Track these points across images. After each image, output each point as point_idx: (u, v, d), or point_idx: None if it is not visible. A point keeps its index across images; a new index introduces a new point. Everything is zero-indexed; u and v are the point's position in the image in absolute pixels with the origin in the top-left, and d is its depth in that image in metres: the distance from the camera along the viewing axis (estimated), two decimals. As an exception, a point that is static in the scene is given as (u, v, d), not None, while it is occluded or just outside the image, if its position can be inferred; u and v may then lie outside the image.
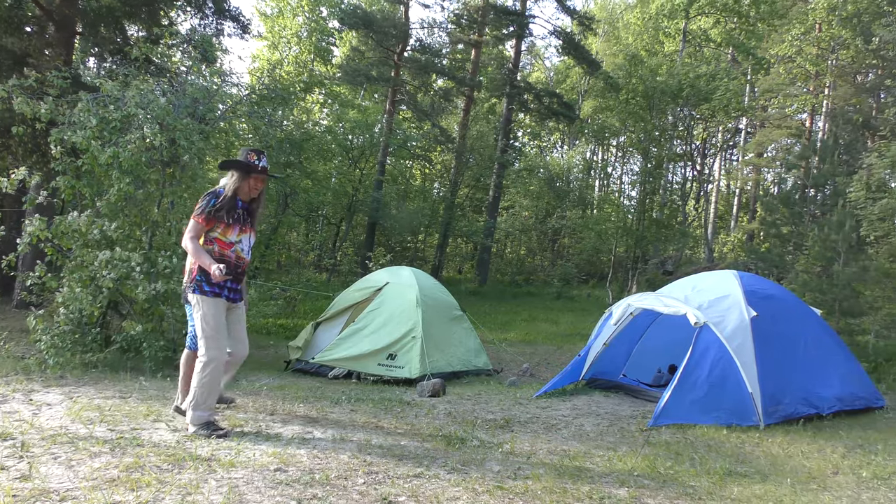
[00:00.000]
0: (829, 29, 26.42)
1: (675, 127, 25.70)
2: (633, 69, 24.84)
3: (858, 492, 4.28)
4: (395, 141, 22.49)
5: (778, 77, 28.57)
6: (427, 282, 9.55)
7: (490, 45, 26.64)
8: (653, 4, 31.00)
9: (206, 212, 4.65)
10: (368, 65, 23.25)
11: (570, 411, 6.63)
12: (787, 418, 6.35)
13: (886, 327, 11.83)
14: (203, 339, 4.62)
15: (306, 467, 3.94)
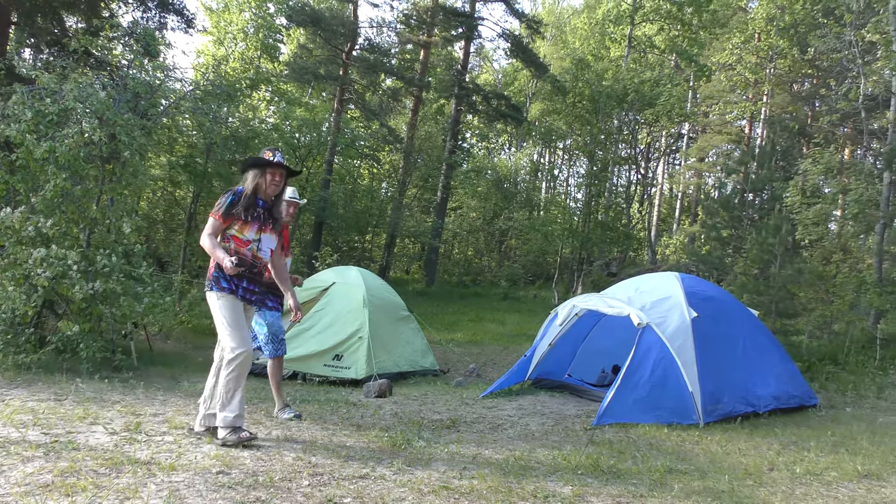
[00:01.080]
0: (768, 39, 27.26)
1: (621, 131, 26.17)
2: (579, 73, 25.20)
3: (792, 487, 4.41)
4: (342, 140, 22.33)
5: (719, 84, 29.34)
6: (374, 282, 9.52)
7: (439, 46, 26.66)
8: (599, 10, 31.51)
9: (224, 208, 4.56)
10: (316, 63, 23.01)
11: (516, 411, 6.68)
12: (725, 416, 6.53)
13: (819, 328, 12.26)
14: (226, 334, 4.50)
15: (250, 469, 3.88)
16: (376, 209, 25.84)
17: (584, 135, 26.15)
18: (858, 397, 8.73)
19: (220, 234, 4.62)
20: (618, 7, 29.89)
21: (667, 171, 34.74)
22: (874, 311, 13.81)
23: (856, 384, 9.34)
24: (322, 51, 24.04)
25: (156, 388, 6.74)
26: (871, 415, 7.68)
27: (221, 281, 4.54)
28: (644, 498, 3.91)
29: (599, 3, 32.33)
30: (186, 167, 16.14)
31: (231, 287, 4.55)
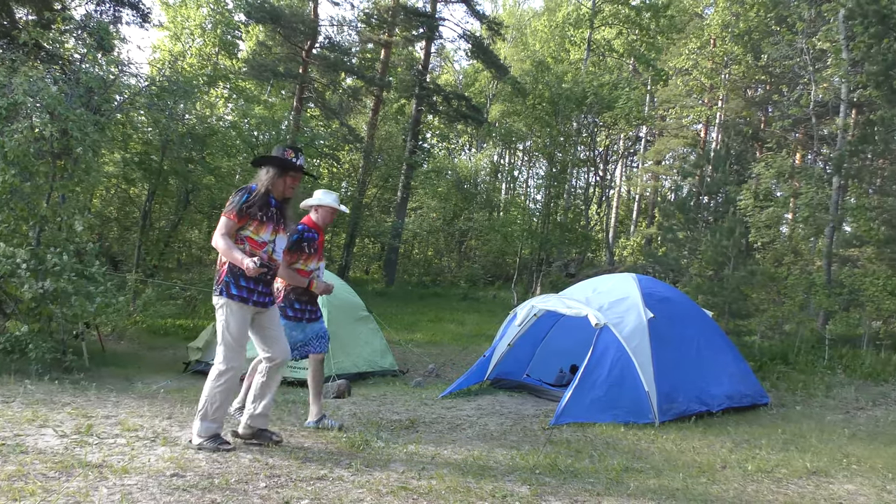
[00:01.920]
0: (723, 45, 27.80)
1: (580, 133, 26.41)
2: (539, 75, 25.37)
3: (744, 484, 4.51)
4: (302, 139, 22.11)
5: (676, 88, 29.87)
6: (333, 282, 9.45)
7: (400, 45, 26.61)
8: (559, 13, 31.80)
9: (238, 207, 4.35)
10: (276, 60, 22.78)
11: (475, 411, 6.70)
12: (680, 416, 6.64)
13: (770, 328, 12.54)
14: (223, 346, 4.33)
15: (205, 472, 3.82)
16: (336, 209, 25.66)
17: (544, 136, 26.34)
18: (808, 396, 8.94)
19: (233, 236, 4.39)
20: (577, 10, 30.20)
21: (625, 173, 35.23)
22: (823, 312, 14.18)
23: (805, 383, 9.57)
24: (281, 48, 23.81)
25: (108, 390, 6.60)
26: (820, 413, 7.88)
27: (232, 287, 4.31)
28: (600, 496, 3.95)
29: (559, 7, 32.66)
30: (141, 164, 15.83)
31: (243, 294, 4.33)
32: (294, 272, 5.25)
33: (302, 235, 5.28)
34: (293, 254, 5.20)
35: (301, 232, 5.28)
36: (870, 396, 9.00)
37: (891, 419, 7.67)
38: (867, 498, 4.35)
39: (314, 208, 5.58)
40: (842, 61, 17.33)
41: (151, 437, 4.55)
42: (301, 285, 5.27)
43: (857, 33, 13.44)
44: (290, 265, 5.21)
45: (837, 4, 16.24)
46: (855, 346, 11.83)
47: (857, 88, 17.37)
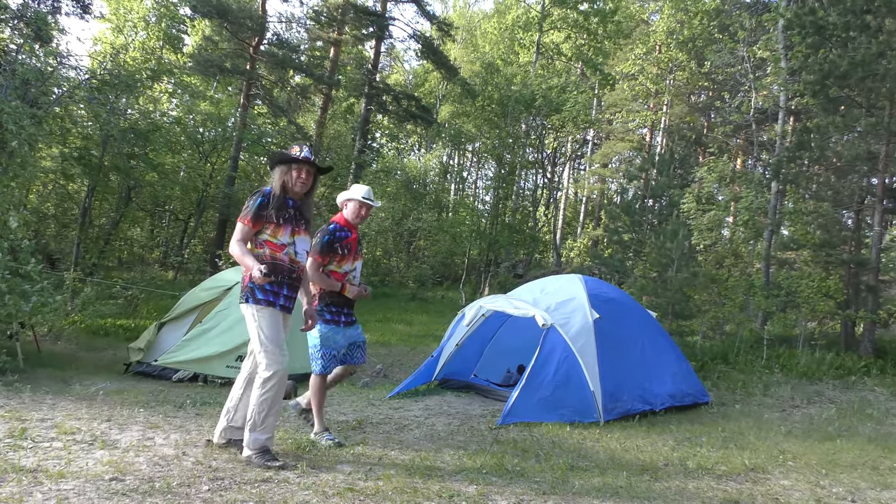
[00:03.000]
0: (668, 51, 28.41)
1: (528, 135, 26.63)
2: (489, 77, 25.52)
3: (685, 482, 4.60)
4: (249, 136, 21.79)
5: (622, 93, 30.40)
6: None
7: (350, 44, 26.42)
8: (509, 16, 32.02)
9: (252, 212, 4.21)
10: (222, 56, 22.36)
11: (423, 412, 6.69)
12: (624, 415, 6.75)
13: (712, 329, 12.85)
14: (263, 352, 4.18)
15: (146, 475, 3.72)
16: (283, 207, 25.34)
17: (493, 138, 26.47)
18: (747, 395, 9.19)
19: (252, 240, 4.27)
20: (527, 14, 30.47)
21: (572, 175, 35.65)
22: (761, 313, 14.60)
23: (744, 382, 9.84)
24: (228, 44, 23.39)
25: (44, 392, 6.39)
26: (758, 411, 8.11)
27: (257, 292, 4.20)
28: (546, 495, 3.99)
29: (509, 9, 32.86)
30: (81, 160, 15.35)
31: (269, 298, 4.23)
32: (326, 275, 5.00)
33: (333, 235, 5.01)
34: (325, 255, 4.96)
35: (332, 232, 5.02)
36: (805, 395, 9.30)
37: (825, 417, 7.94)
38: (802, 493, 4.48)
39: (343, 204, 5.27)
40: (780, 70, 17.89)
41: (89, 441, 4.41)
42: (333, 289, 5.02)
43: (795, 43, 13.89)
44: (322, 267, 4.97)
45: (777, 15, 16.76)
46: (791, 346, 12.21)
47: (794, 96, 17.94)
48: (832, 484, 4.76)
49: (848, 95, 12.42)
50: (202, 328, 8.31)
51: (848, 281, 13.02)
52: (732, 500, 4.19)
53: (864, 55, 10.58)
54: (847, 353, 11.86)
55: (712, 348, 12.09)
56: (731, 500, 4.21)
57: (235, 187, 21.78)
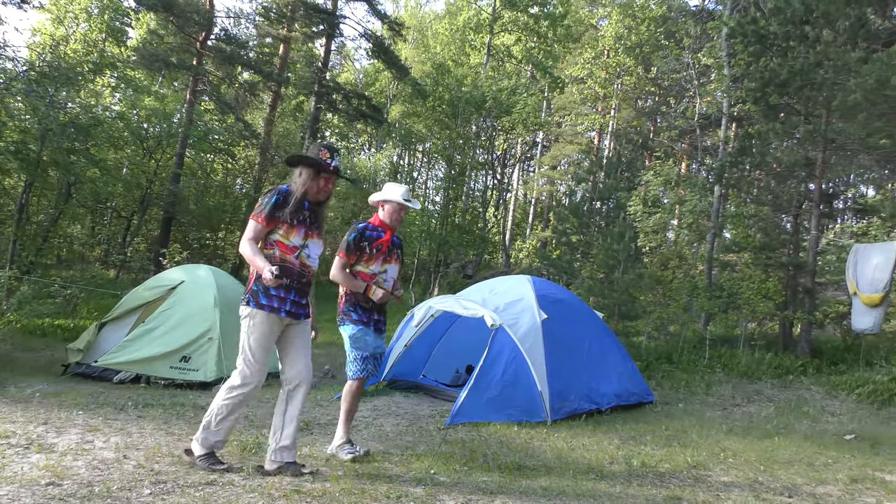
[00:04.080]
0: (616, 56, 28.87)
1: (478, 136, 26.75)
2: (440, 78, 25.53)
3: (630, 479, 4.68)
4: (195, 133, 21.37)
5: (571, 96, 30.77)
6: (226, 281, 9.19)
7: (299, 41, 26.15)
8: (460, 17, 32.10)
9: (267, 211, 4.02)
10: (168, 50, 21.85)
11: (371, 412, 6.66)
12: (571, 414, 6.83)
13: (657, 329, 13.10)
14: (243, 360, 4.00)
15: (84, 480, 3.61)
16: (230, 206, 24.90)
17: (443, 139, 26.51)
18: (690, 394, 9.40)
19: (263, 240, 4.09)
20: (478, 15, 30.60)
21: (521, 177, 35.93)
22: (704, 314, 14.94)
23: (687, 381, 10.06)
24: (174, 38, 22.88)
25: (-24, 395, 6.16)
26: (701, 410, 8.30)
27: (261, 296, 4.00)
28: (494, 495, 4.00)
29: (460, 11, 32.95)
30: (17, 154, 14.82)
31: (273, 304, 4.01)
32: (352, 275, 4.78)
33: (362, 234, 4.80)
34: (351, 253, 4.76)
35: (360, 230, 4.82)
36: (745, 394, 9.57)
37: (763, 415, 8.17)
38: (741, 489, 4.60)
39: (380, 204, 5.00)
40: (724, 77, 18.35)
41: (25, 445, 4.27)
42: (357, 290, 4.78)
43: (738, 51, 14.28)
44: (347, 266, 4.77)
45: (721, 23, 17.19)
46: (732, 346, 12.53)
47: (737, 103, 18.44)
48: (770, 480, 4.90)
49: (787, 103, 12.81)
50: (145, 328, 8.12)
51: (786, 283, 13.43)
52: (675, 498, 4.27)
53: (802, 64, 10.92)
54: (785, 352, 12.24)
55: (657, 348, 12.32)
56: (674, 497, 4.29)
57: (181, 185, 21.35)
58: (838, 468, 5.41)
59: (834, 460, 5.71)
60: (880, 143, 11.78)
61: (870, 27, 11.10)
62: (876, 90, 9.36)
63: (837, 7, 10.50)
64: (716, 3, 25.57)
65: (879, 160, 13.97)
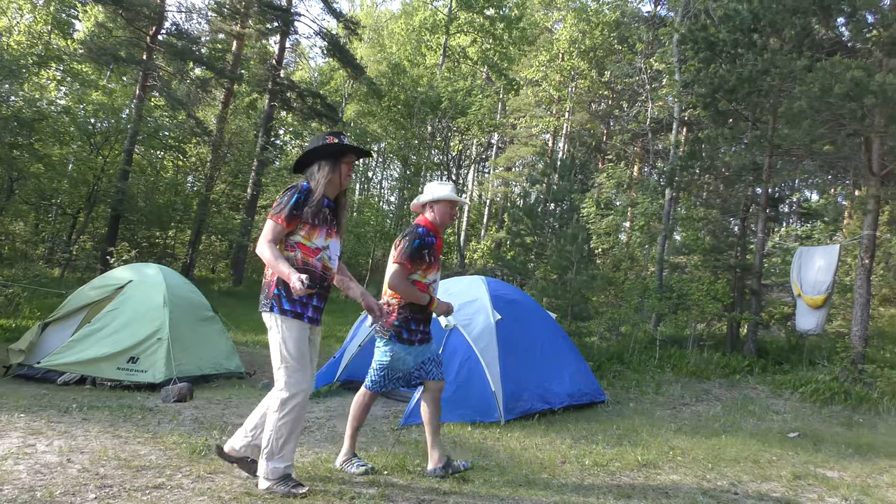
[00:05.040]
0: (570, 59, 29.21)
1: (434, 137, 26.79)
2: (395, 78, 25.52)
3: (582, 478, 4.73)
4: (145, 129, 20.91)
5: (526, 98, 31.02)
6: (176, 280, 9.00)
7: (253, 38, 25.84)
8: (416, 17, 32.10)
9: (288, 209, 3.75)
10: (117, 44, 21.33)
11: (324, 413, 6.61)
12: (524, 414, 6.87)
13: (608, 330, 13.28)
14: (283, 369, 3.71)
15: (26, 485, 3.50)
16: (181, 204, 24.43)
17: (399, 139, 26.49)
18: (640, 393, 9.55)
19: (282, 242, 3.82)
20: (434, 16, 30.63)
21: (476, 178, 36.08)
22: (655, 315, 15.19)
23: (638, 381, 10.22)
24: (123, 32, 22.35)
25: (-90, 397, 5.92)
26: (651, 409, 8.43)
27: (285, 301, 3.74)
28: (447, 496, 4.00)
29: (416, 11, 32.95)
30: (-44, 148, 14.36)
31: (297, 309, 3.76)
32: (413, 285, 4.39)
33: (423, 240, 4.37)
34: (414, 262, 4.34)
35: (422, 236, 4.38)
36: (694, 393, 9.76)
37: (711, 413, 8.34)
38: (689, 487, 4.69)
39: (428, 206, 4.54)
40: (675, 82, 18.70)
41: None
42: (421, 302, 4.40)
43: (689, 57, 14.56)
44: (407, 276, 4.37)
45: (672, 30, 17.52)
46: (682, 347, 12.77)
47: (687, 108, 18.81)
48: (717, 477, 5.00)
49: (736, 109, 13.11)
50: (91, 328, 7.90)
51: (734, 284, 13.76)
52: (625, 495, 4.33)
53: (750, 71, 11.18)
54: (732, 352, 12.53)
55: (609, 349, 12.49)
56: (625, 495, 4.35)
57: (129, 181, 20.88)
58: (782, 465, 5.56)
59: (778, 457, 5.86)
60: (824, 149, 12.15)
61: (814, 37, 11.43)
62: (820, 98, 9.62)
63: (784, 16, 10.77)
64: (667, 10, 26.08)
65: (823, 166, 14.42)
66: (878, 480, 5.29)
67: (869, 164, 10.60)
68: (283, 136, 32.42)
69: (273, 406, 3.74)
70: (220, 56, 25.49)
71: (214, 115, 26.72)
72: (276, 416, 3.70)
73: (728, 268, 13.97)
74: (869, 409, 8.98)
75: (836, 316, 16.68)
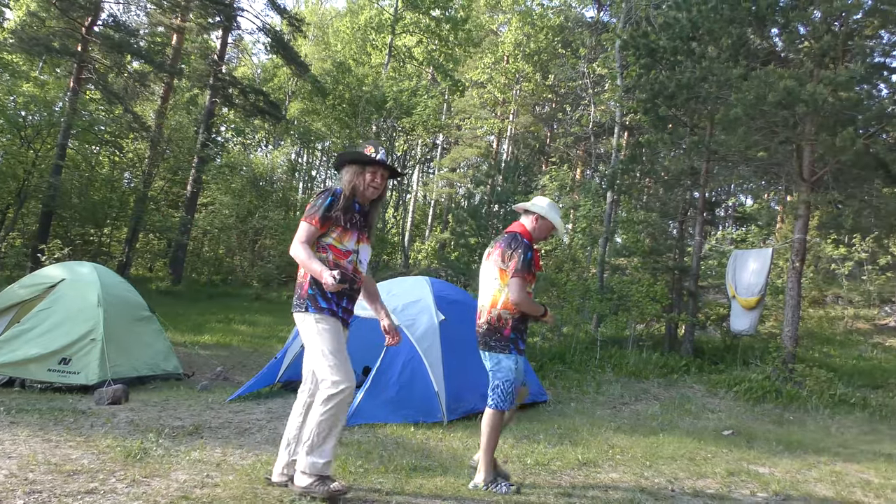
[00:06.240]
0: (515, 62, 29.49)
1: (379, 137, 26.67)
2: (340, 76, 25.33)
3: (524, 477, 4.77)
4: (79, 123, 20.25)
5: (471, 100, 31.18)
6: (111, 279, 8.75)
7: (194, 32, 25.29)
8: (362, 16, 31.91)
9: (321, 211, 3.82)
10: (50, 34, 20.61)
11: (265, 414, 6.51)
12: (467, 414, 6.89)
13: (550, 330, 13.41)
14: (328, 366, 3.71)
15: (-53, 492, 3.35)
16: (117, 201, 23.74)
17: (343, 138, 26.29)
18: (581, 393, 9.68)
19: (315, 244, 3.88)
20: (380, 15, 30.51)
21: (421, 178, 36.08)
22: (596, 316, 15.43)
23: (579, 381, 10.36)
24: (57, 22, 21.61)
25: None
26: (591, 408, 8.56)
27: (320, 300, 3.81)
28: (389, 496, 3.99)
29: (362, 9, 32.77)
30: None
31: (332, 307, 3.83)
32: (530, 297, 4.40)
33: (533, 252, 4.41)
34: (530, 274, 4.37)
35: (531, 248, 4.42)
36: (633, 393, 9.95)
37: (650, 413, 8.51)
38: (628, 484, 4.77)
39: (534, 217, 4.59)
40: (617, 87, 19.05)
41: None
42: (536, 313, 4.45)
43: (630, 63, 14.84)
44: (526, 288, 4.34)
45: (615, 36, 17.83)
46: (622, 347, 13.01)
47: (628, 113, 19.19)
48: (655, 475, 5.10)
49: (675, 115, 13.42)
50: (20, 328, 7.61)
51: (672, 286, 14.07)
52: (566, 494, 4.38)
53: (689, 78, 11.46)
54: (670, 353, 12.83)
55: (551, 349, 12.62)
56: (565, 493, 4.40)
57: (62, 177, 20.19)
58: (717, 462, 5.70)
59: (713, 454, 6.02)
60: (758, 155, 12.53)
61: (750, 46, 11.79)
62: (754, 106, 9.92)
63: (721, 26, 11.08)
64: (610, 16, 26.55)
65: (757, 171, 14.86)
66: (806, 476, 5.48)
67: (800, 171, 10.98)
68: (225, 132, 31.83)
69: (317, 401, 3.76)
70: (160, 50, 24.86)
71: (153, 110, 26.05)
72: (321, 409, 3.72)
73: (667, 270, 14.29)
74: (799, 407, 9.30)
75: (768, 317, 17.26)
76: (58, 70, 23.97)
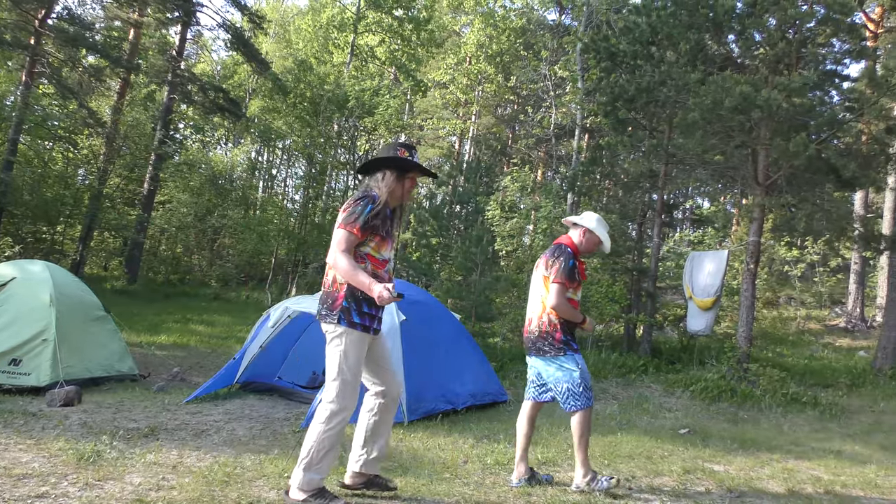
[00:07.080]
0: (477, 63, 29.57)
1: (340, 136, 26.53)
2: (302, 74, 25.11)
3: (483, 477, 4.79)
4: (31, 118, 19.75)
5: (433, 100, 31.20)
6: (64, 278, 8.54)
7: (152, 27, 24.85)
8: (324, 14, 31.72)
9: (362, 219, 3.65)
10: (1, 27, 20.09)
11: (223, 416, 6.43)
12: (427, 414, 6.89)
13: (511, 331, 13.49)
14: (338, 382, 3.66)
15: None
16: (70, 198, 23.19)
17: (304, 137, 26.08)
18: (541, 393, 9.73)
19: (352, 253, 3.72)
20: (342, 14, 30.35)
21: (382, 178, 35.94)
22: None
23: (539, 381, 10.41)
24: (9, 14, 21.04)
25: None
26: (551, 408, 8.55)
27: (354, 314, 3.69)
28: (348, 497, 3.97)
29: (324, 8, 32.57)
30: None
31: (366, 322, 3.74)
32: (570, 304, 4.53)
33: (576, 261, 4.60)
34: (571, 281, 4.51)
35: (574, 256, 4.60)
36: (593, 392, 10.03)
37: (608, 412, 8.61)
38: (588, 483, 4.82)
39: (583, 231, 4.77)
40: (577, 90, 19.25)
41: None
42: (575, 320, 4.56)
43: (591, 66, 15.01)
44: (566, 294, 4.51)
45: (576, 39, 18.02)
46: (581, 347, 13.11)
47: (589, 115, 19.40)
48: (613, 473, 5.14)
49: (634, 118, 13.60)
50: (-33, 329, 7.40)
51: (631, 287, 14.26)
52: (525, 493, 4.41)
53: (648, 82, 11.63)
54: (629, 353, 12.99)
55: (511, 349, 12.68)
56: (524, 492, 4.43)
57: (13, 173, 19.65)
58: (673, 460, 5.80)
59: (670, 453, 6.12)
60: (715, 159, 12.76)
61: (708, 51, 12.00)
62: (711, 110, 10.09)
63: (680, 31, 11.25)
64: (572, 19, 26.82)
65: (714, 175, 15.14)
66: (759, 473, 5.59)
67: (755, 175, 11.21)
68: (184, 130, 31.34)
69: (320, 417, 3.70)
70: (117, 44, 24.32)
71: (109, 105, 25.53)
72: (322, 427, 3.67)
73: (626, 271, 14.47)
74: (752, 406, 9.48)
75: (723, 318, 17.59)
76: (9, 63, 23.31)
